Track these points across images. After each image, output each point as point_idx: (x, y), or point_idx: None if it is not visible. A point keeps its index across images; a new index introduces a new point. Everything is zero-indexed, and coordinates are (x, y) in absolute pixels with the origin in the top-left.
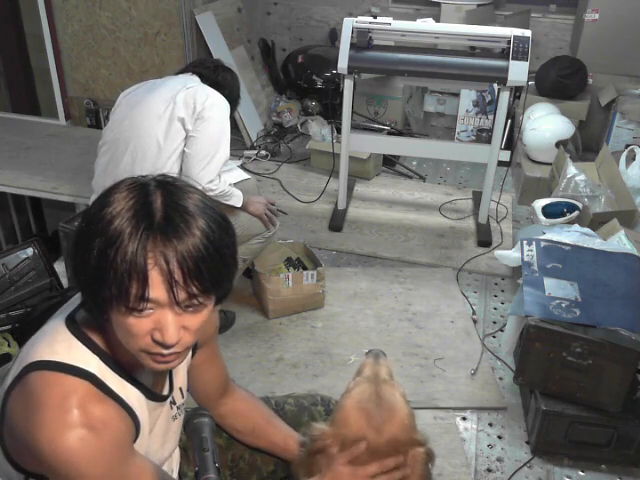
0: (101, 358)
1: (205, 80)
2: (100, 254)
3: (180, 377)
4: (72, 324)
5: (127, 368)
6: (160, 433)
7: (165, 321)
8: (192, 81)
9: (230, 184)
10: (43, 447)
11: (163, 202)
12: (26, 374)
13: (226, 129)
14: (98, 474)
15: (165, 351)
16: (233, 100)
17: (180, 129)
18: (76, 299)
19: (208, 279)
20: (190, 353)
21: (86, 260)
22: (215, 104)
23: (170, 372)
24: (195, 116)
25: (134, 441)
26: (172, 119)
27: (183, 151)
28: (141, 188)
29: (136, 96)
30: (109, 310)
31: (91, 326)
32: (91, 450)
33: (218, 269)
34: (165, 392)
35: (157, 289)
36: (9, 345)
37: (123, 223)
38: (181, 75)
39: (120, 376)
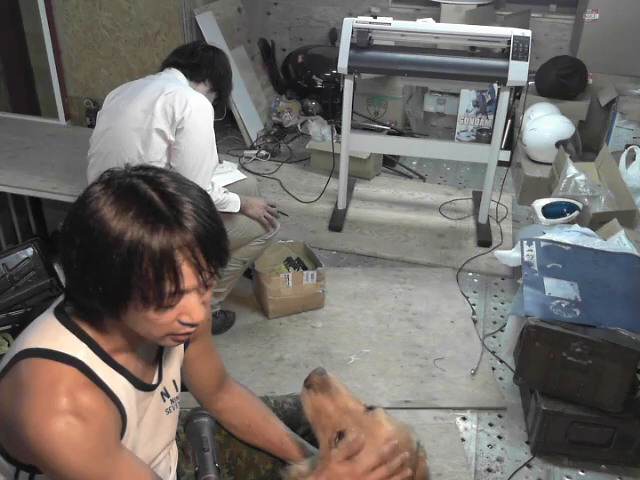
0: (89, 346)
1: (184, 69)
2: (123, 266)
3: (173, 369)
4: (60, 314)
5: (116, 356)
6: (150, 424)
7: (192, 304)
8: (172, 82)
9: (225, 191)
10: (30, 433)
11: (160, 196)
12: (15, 362)
13: (210, 135)
14: (82, 462)
15: (192, 329)
16: (220, 77)
17: (160, 141)
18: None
19: (222, 253)
20: (183, 345)
21: (104, 277)
22: (195, 110)
23: (160, 362)
24: (175, 126)
25: (122, 434)
26: (150, 131)
27: (169, 165)
28: (130, 191)
29: (117, 105)
30: (132, 313)
31: (79, 315)
32: (77, 437)
33: (224, 240)
34: (154, 381)
35: (189, 279)
36: (9, 345)
37: (138, 230)
38: (163, 73)
39: (108, 364)
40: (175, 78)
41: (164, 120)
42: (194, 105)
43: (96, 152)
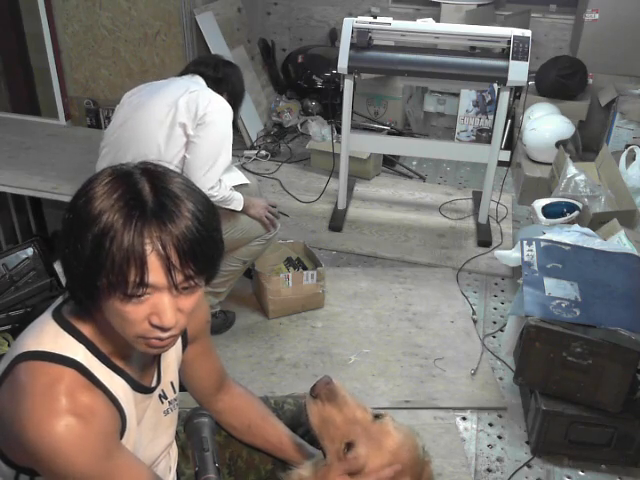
0: (88, 348)
1: (207, 79)
2: (95, 245)
3: (171, 371)
4: (59, 316)
5: (114, 358)
6: (149, 426)
7: (162, 305)
8: (195, 84)
9: (231, 188)
10: (29, 434)
11: (152, 188)
12: (13, 366)
13: (228, 134)
14: (83, 463)
15: (163, 335)
16: (237, 94)
17: (181, 134)
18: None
19: (202, 260)
20: (181, 348)
21: (79, 251)
22: (217, 109)
23: (159, 364)
24: (197, 121)
25: (122, 434)
26: (174, 124)
27: (184, 156)
28: (126, 177)
29: (139, 98)
30: (104, 299)
31: (78, 317)
32: (77, 438)
33: (211, 249)
34: (153, 384)
35: (155, 274)
36: (9, 345)
37: (115, 213)
38: (185, 77)
39: (107, 366)
40: (197, 82)
41: (187, 115)
42: (216, 105)
43: (111, 142)
